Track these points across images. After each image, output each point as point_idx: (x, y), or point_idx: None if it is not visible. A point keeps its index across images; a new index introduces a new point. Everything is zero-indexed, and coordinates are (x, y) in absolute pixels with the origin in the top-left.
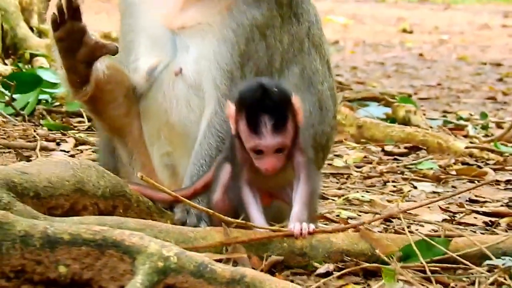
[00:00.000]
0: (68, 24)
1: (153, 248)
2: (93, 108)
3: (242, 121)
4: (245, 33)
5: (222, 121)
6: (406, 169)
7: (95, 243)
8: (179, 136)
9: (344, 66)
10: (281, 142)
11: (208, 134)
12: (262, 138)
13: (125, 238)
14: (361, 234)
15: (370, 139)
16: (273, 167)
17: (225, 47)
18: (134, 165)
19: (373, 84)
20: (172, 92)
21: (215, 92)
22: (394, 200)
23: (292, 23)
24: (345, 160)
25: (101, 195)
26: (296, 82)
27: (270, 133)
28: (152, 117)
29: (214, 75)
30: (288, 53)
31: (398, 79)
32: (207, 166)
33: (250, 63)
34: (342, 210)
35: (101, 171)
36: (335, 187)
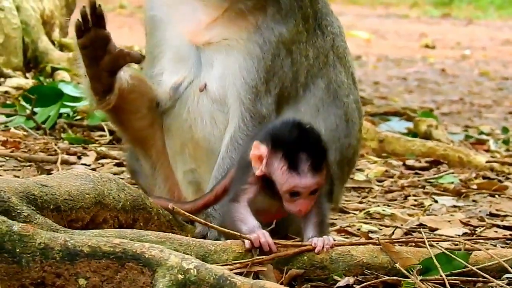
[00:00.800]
0: (92, 31)
1: (173, 261)
2: (116, 118)
3: (279, 161)
4: (271, 49)
5: (245, 136)
6: (427, 183)
7: (115, 256)
8: (203, 153)
9: (366, 81)
10: (319, 181)
11: (230, 148)
12: (302, 178)
13: (145, 251)
14: (382, 247)
15: (392, 153)
16: (307, 209)
17: (251, 62)
18: (157, 177)
19: (395, 99)
20: (196, 108)
21: (239, 106)
22: (415, 214)
23: (317, 36)
24: (367, 174)
25: (121, 208)
26: (322, 96)
27: (310, 172)
28: (176, 133)
29: (239, 89)
30: (313, 67)
31: (420, 94)
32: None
33: (275, 78)
34: (363, 224)
35: (121, 184)
36: (356, 201)
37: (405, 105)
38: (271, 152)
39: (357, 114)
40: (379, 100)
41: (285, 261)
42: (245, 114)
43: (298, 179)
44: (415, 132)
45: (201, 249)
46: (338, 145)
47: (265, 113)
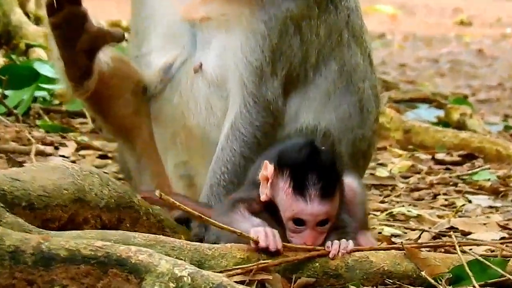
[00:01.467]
0: (66, 8)
1: (164, 267)
2: (95, 106)
3: (284, 183)
4: (278, 25)
5: (247, 124)
6: (460, 180)
7: (96, 261)
8: (197, 143)
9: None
10: (328, 211)
11: (231, 138)
12: (308, 203)
13: (132, 255)
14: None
15: (419, 146)
16: (314, 244)
17: (254, 40)
18: (143, 172)
19: (424, 83)
20: (190, 91)
21: (241, 90)
22: (445, 216)
23: (329, 11)
24: (390, 170)
25: (104, 206)
26: (334, 80)
27: (318, 198)
28: (166, 121)
29: (241, 71)
30: (325, 47)
31: (453, 78)
32: (229, 174)
33: (283, 58)
34: (385, 227)
35: (105, 178)
36: (377, 200)
37: (436, 90)
38: (277, 172)
39: (374, 102)
40: (405, 84)
41: (294, 267)
42: (247, 99)
43: (304, 204)
44: (447, 122)
45: (196, 254)
46: (350, 137)
47: (271, 98)
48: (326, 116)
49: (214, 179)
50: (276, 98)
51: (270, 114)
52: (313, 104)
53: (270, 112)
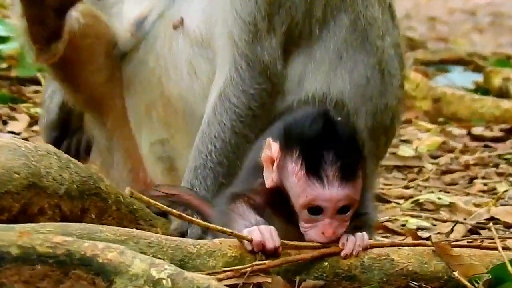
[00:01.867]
0: None
1: (138, 268)
2: (62, 73)
3: (293, 164)
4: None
5: (240, 92)
6: (502, 160)
7: (55, 260)
8: (178, 117)
9: (417, 16)
10: (350, 195)
11: (219, 110)
12: (325, 186)
13: (99, 253)
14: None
15: (452, 118)
16: (334, 235)
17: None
18: (114, 153)
19: (458, 41)
20: (168, 52)
21: (232, 51)
22: (484, 204)
23: None
24: (416, 148)
25: (64, 193)
26: (346, 37)
27: (337, 180)
28: (140, 89)
29: (231, 27)
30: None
31: (495, 34)
32: (217, 154)
33: (282, 12)
34: (410, 218)
35: (65, 159)
36: (400, 185)
37: (473, 50)
38: (284, 151)
39: (398, 63)
40: (435, 42)
41: (298, 268)
42: (239, 61)
43: (320, 187)
44: (486, 88)
45: (178, 252)
46: (370, 107)
47: (268, 60)
48: (338, 81)
49: (199, 160)
50: (274, 60)
51: (267, 79)
52: (321, 67)
53: (267, 77)
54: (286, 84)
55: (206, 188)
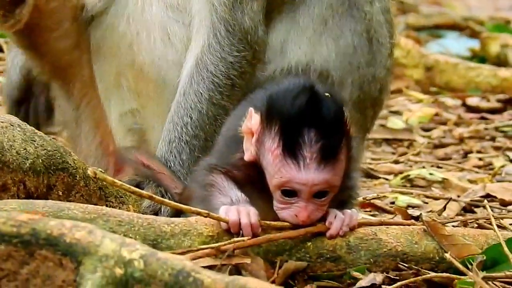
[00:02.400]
0: None
1: (108, 248)
2: (27, 40)
3: (271, 141)
4: None
5: (218, 59)
6: (499, 133)
7: (20, 240)
8: (150, 86)
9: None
10: (328, 179)
11: (196, 78)
12: (301, 169)
13: (66, 233)
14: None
15: (445, 87)
16: (309, 219)
17: None
18: (82, 124)
19: (452, 4)
20: (140, 16)
21: (210, 15)
22: (479, 180)
23: None
24: (406, 119)
25: (29, 168)
26: (332, 2)
27: (316, 162)
28: (109, 55)
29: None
30: None
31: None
32: (193, 126)
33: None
34: (400, 195)
35: (30, 132)
36: (389, 159)
37: (468, 14)
38: (264, 124)
39: (387, 30)
40: (427, 6)
41: (280, 248)
42: (218, 26)
43: (296, 169)
44: (483, 56)
45: (151, 231)
46: (356, 77)
47: (248, 26)
48: (323, 50)
49: (174, 133)
50: (256, 26)
51: (248, 46)
52: (305, 34)
53: (248, 44)
54: (268, 52)
55: (181, 163)
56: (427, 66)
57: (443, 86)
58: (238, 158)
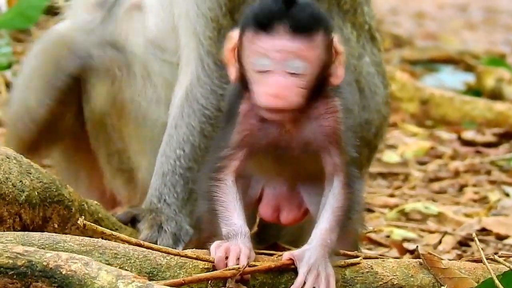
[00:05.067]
0: None
1: (104, 280)
2: None
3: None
4: None
5: (208, 92)
6: (495, 167)
7: (16, 272)
8: (131, 123)
9: (404, 11)
10: (300, 48)
11: (187, 111)
12: (272, 36)
13: (62, 265)
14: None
15: (440, 121)
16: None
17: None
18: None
19: (448, 38)
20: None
21: (197, 49)
22: (475, 214)
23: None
24: (401, 153)
25: (25, 200)
26: None
27: (288, 33)
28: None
29: (194, 23)
30: None
31: (487, 31)
32: (186, 159)
33: (244, 8)
34: (395, 228)
35: (26, 164)
36: (385, 193)
37: (464, 48)
38: (242, 33)
39: (379, 81)
40: (423, 40)
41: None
42: (206, 59)
43: (267, 37)
44: (478, 90)
45: (147, 263)
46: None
47: None
48: None
49: (167, 166)
50: None
51: None
52: None
53: None
54: None
55: (175, 196)
56: (422, 100)
57: (438, 120)
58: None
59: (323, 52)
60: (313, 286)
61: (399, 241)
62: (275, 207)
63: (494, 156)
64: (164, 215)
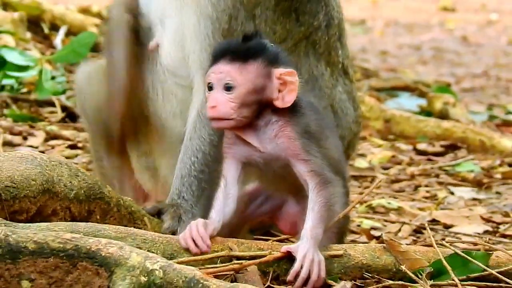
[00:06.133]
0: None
1: (135, 260)
2: None
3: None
4: (226, 8)
5: None
6: (442, 172)
7: (65, 254)
8: (155, 132)
9: (372, 50)
10: (232, 71)
11: (199, 126)
12: (215, 63)
13: (102, 248)
14: (385, 246)
15: (400, 135)
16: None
17: (205, 24)
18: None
19: (405, 71)
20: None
21: (202, 77)
22: (427, 208)
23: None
24: (369, 160)
25: (74, 197)
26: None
27: (225, 60)
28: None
29: (199, 56)
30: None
31: (437, 66)
32: (199, 164)
33: None
34: (364, 219)
35: (74, 169)
36: (356, 191)
37: (418, 78)
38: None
39: (350, 105)
40: (386, 72)
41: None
42: None
43: (214, 65)
44: (429, 111)
45: (168, 247)
46: None
47: None
48: None
49: (185, 170)
50: None
51: None
52: None
53: None
54: None
55: (191, 193)
56: (385, 119)
57: (398, 134)
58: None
59: (257, 78)
60: (309, 269)
61: (368, 229)
62: (293, 223)
63: (442, 163)
64: (183, 209)
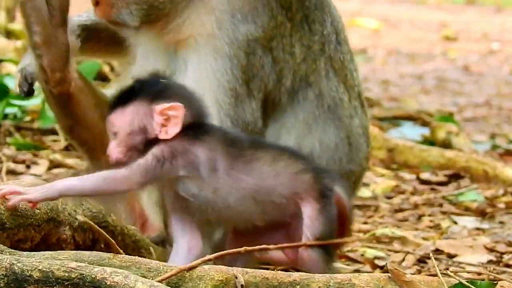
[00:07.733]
0: None
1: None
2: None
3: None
4: (242, 47)
5: None
6: (445, 201)
7: (70, 283)
8: None
9: (373, 79)
10: (114, 121)
11: None
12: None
13: (107, 277)
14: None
15: (403, 165)
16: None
17: (222, 62)
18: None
19: (408, 100)
20: None
21: (218, 113)
22: (430, 237)
23: (304, 30)
24: (373, 190)
25: (78, 226)
26: (314, 111)
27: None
28: None
29: (215, 93)
30: (300, 69)
31: (439, 95)
32: None
33: (256, 80)
34: (368, 249)
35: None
36: (360, 221)
37: (420, 108)
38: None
39: (364, 140)
40: (388, 101)
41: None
42: (225, 120)
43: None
44: (432, 140)
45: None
46: (336, 168)
47: (250, 120)
48: (309, 145)
49: None
50: (256, 120)
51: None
52: (292, 133)
53: (249, 133)
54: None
55: None
56: (388, 148)
57: (401, 164)
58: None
59: (134, 119)
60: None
61: (371, 259)
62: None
63: (445, 192)
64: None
